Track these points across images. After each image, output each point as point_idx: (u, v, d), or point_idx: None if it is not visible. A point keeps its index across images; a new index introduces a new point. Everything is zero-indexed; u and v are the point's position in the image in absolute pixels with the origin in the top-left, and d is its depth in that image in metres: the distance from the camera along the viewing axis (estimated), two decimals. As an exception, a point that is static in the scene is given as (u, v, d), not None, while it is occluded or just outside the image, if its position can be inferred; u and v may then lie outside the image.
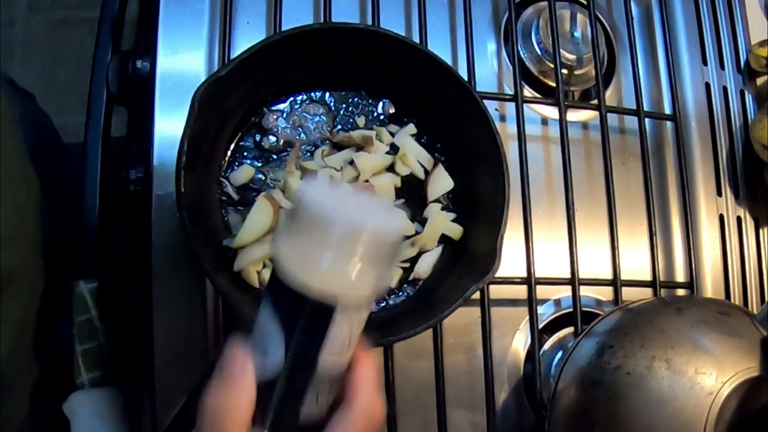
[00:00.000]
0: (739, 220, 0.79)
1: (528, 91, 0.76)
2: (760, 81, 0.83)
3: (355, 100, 0.68)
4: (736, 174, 0.80)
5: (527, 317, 0.69)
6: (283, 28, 0.67)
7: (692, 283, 0.75)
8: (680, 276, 0.76)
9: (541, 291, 0.70)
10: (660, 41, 0.82)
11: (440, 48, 0.73)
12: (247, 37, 0.69)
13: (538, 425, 0.67)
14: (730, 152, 0.81)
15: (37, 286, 0.71)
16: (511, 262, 0.66)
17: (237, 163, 0.64)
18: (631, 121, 0.78)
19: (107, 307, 0.64)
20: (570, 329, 0.71)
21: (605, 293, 0.73)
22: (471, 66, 0.72)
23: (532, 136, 0.74)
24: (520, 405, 0.69)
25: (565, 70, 0.76)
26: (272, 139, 0.65)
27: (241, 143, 0.65)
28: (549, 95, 0.76)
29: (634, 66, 0.78)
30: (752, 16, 0.85)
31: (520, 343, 0.70)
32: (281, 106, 0.66)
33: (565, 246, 0.71)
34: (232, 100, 0.62)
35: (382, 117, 0.68)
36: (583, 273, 0.71)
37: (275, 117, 0.66)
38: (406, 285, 0.65)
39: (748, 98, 0.83)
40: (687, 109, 0.80)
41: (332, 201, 0.39)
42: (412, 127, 0.67)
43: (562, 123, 0.73)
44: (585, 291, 0.71)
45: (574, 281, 0.70)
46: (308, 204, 0.38)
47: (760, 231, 0.80)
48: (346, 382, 0.41)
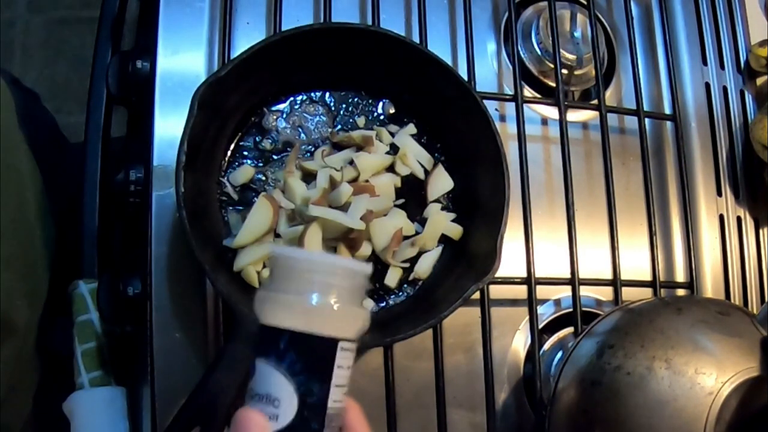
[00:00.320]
0: (739, 220, 0.79)
1: (528, 91, 0.76)
2: (760, 81, 0.83)
3: (355, 100, 0.68)
4: (736, 174, 0.80)
5: (527, 317, 0.69)
6: (283, 28, 0.67)
7: (692, 283, 0.75)
8: (680, 276, 0.76)
9: (541, 291, 0.69)
10: (660, 41, 0.82)
11: (440, 48, 0.73)
12: (247, 37, 0.69)
13: (538, 425, 0.67)
14: (730, 152, 0.80)
15: (42, 288, 0.71)
16: (511, 262, 0.66)
17: (237, 163, 0.64)
18: (631, 121, 0.78)
19: (107, 307, 0.64)
20: (570, 329, 0.71)
21: (605, 293, 0.73)
22: (471, 66, 0.72)
23: (532, 136, 0.74)
24: (520, 405, 0.69)
25: (565, 70, 0.76)
26: (272, 140, 0.65)
27: (241, 143, 0.65)
28: (549, 95, 0.76)
29: (634, 66, 0.78)
30: (752, 16, 0.85)
31: (520, 343, 0.70)
32: (281, 107, 0.66)
33: (565, 246, 0.71)
34: (232, 100, 0.62)
35: (382, 117, 0.68)
36: (583, 273, 0.71)
37: (275, 117, 0.65)
38: (406, 285, 0.65)
39: (748, 98, 0.83)
40: (687, 109, 0.80)
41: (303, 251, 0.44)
42: (412, 127, 0.67)
43: (562, 123, 0.73)
44: (585, 291, 0.71)
45: (574, 281, 0.70)
46: (285, 254, 0.42)
47: (760, 231, 0.80)
48: (343, 428, 0.42)
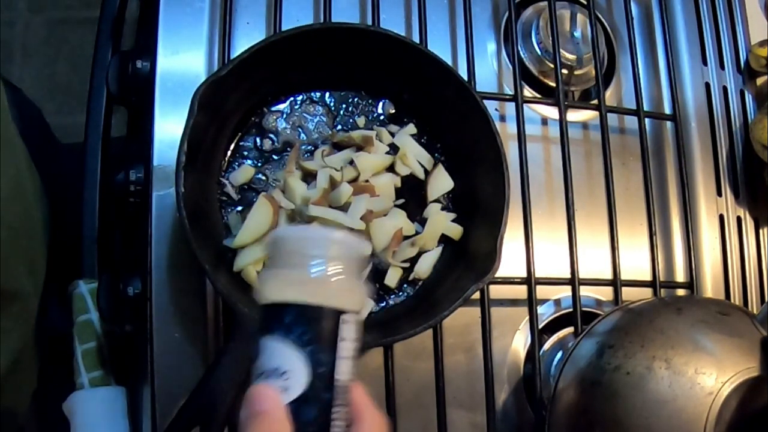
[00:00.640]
0: (739, 220, 0.79)
1: (528, 91, 0.76)
2: (760, 81, 0.83)
3: (355, 100, 0.68)
4: (736, 174, 0.80)
5: (527, 317, 0.69)
6: (283, 28, 0.67)
7: (692, 283, 0.75)
8: (680, 276, 0.76)
9: (541, 291, 0.69)
10: (660, 41, 0.82)
11: (440, 48, 0.73)
12: (247, 37, 0.69)
13: (538, 425, 0.67)
14: (730, 152, 0.80)
15: (41, 263, 0.71)
16: (511, 262, 0.66)
17: (237, 163, 0.64)
18: (631, 121, 0.78)
19: (107, 307, 0.64)
20: (570, 329, 0.71)
21: (605, 293, 0.73)
22: (471, 66, 0.72)
23: (532, 136, 0.74)
24: (520, 405, 0.69)
25: (565, 70, 0.76)
26: (272, 140, 0.65)
27: (241, 143, 0.65)
28: (549, 95, 0.76)
29: (634, 66, 0.78)
30: (752, 16, 0.85)
31: (520, 343, 0.70)
32: (281, 107, 0.66)
33: (565, 246, 0.71)
34: (232, 100, 0.62)
35: (382, 117, 0.68)
36: (583, 273, 0.71)
37: (275, 117, 0.65)
38: (406, 285, 0.65)
39: (748, 98, 0.83)
40: (687, 109, 0.80)
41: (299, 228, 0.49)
42: (412, 127, 0.67)
43: (562, 123, 0.73)
44: (585, 291, 0.71)
45: (574, 281, 0.70)
46: (283, 232, 0.44)
47: (760, 231, 0.80)
48: (350, 407, 0.42)
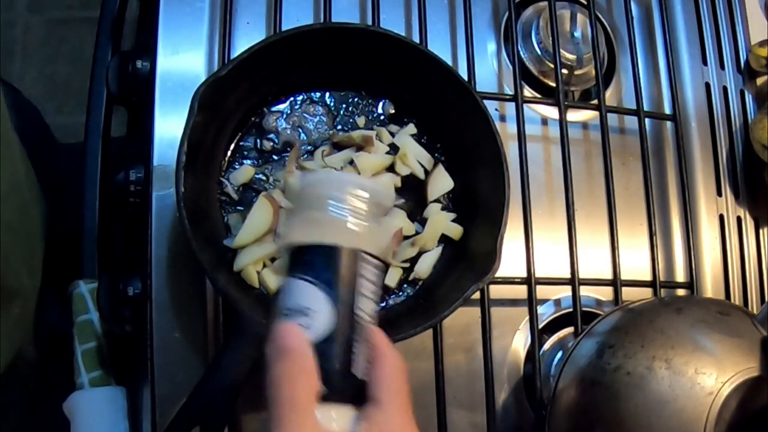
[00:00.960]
0: (739, 220, 0.79)
1: (528, 91, 0.76)
2: (760, 81, 0.83)
3: (355, 100, 0.68)
4: (736, 174, 0.80)
5: (527, 317, 0.69)
6: (283, 28, 0.67)
7: (692, 283, 0.75)
8: (680, 276, 0.76)
9: (541, 291, 0.69)
10: (660, 41, 0.82)
11: (440, 48, 0.73)
12: (247, 37, 0.69)
13: (538, 425, 0.67)
14: (730, 152, 0.80)
15: (38, 260, 0.71)
16: (511, 262, 0.66)
17: (237, 163, 0.64)
18: (631, 121, 0.78)
19: (107, 307, 0.64)
20: (570, 329, 0.71)
21: (605, 293, 0.73)
22: (471, 66, 0.72)
23: (532, 136, 0.74)
24: (520, 405, 0.69)
25: (565, 70, 0.76)
26: (272, 140, 0.65)
27: (241, 143, 0.65)
28: (549, 95, 0.76)
29: (634, 66, 0.78)
30: (752, 16, 0.85)
31: (520, 343, 0.70)
32: (281, 107, 0.66)
33: (565, 246, 0.71)
34: (232, 101, 0.62)
35: (382, 117, 0.68)
36: (583, 273, 0.71)
37: (275, 117, 0.65)
38: (406, 285, 0.65)
39: (748, 98, 0.83)
40: (687, 109, 0.80)
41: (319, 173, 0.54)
42: (412, 127, 0.67)
43: (562, 123, 0.73)
44: (585, 291, 0.71)
45: (574, 281, 0.70)
46: (307, 178, 0.45)
47: (760, 231, 0.80)
48: (371, 347, 0.44)
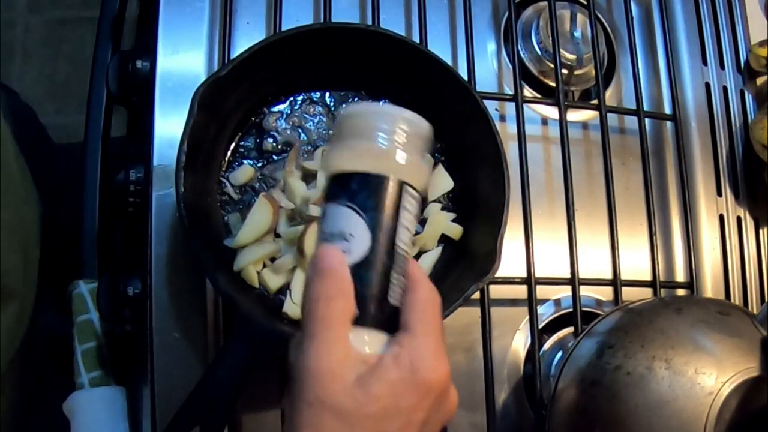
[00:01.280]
0: (739, 220, 0.79)
1: (528, 91, 0.76)
2: (760, 81, 0.83)
3: (355, 100, 0.68)
4: (736, 174, 0.80)
5: (527, 317, 0.69)
6: (283, 28, 0.67)
7: (692, 283, 0.75)
8: (680, 276, 0.76)
9: (541, 291, 0.69)
10: (660, 41, 0.82)
11: (440, 48, 0.73)
12: (247, 37, 0.69)
13: (538, 425, 0.67)
14: (730, 152, 0.80)
15: (34, 262, 0.71)
16: (511, 262, 0.66)
17: (237, 163, 0.64)
18: (631, 121, 0.78)
19: (107, 307, 0.64)
20: (570, 329, 0.71)
21: (605, 293, 0.73)
22: (471, 66, 0.72)
23: (532, 136, 0.74)
24: (520, 405, 0.69)
25: (565, 70, 0.76)
26: (272, 140, 0.65)
27: (241, 143, 0.65)
28: (549, 95, 0.76)
29: (634, 66, 0.78)
30: (752, 16, 0.85)
31: (520, 343, 0.70)
32: (281, 107, 0.66)
33: (565, 246, 0.71)
34: (232, 100, 0.62)
35: (382, 117, 0.68)
36: (583, 273, 0.71)
37: (275, 118, 0.65)
38: (406, 285, 0.65)
39: (748, 98, 0.83)
40: (687, 109, 0.80)
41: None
42: (412, 127, 0.67)
43: (562, 123, 0.73)
44: (585, 291, 0.71)
45: (574, 281, 0.70)
46: (353, 108, 0.46)
47: (760, 231, 0.80)
48: (407, 277, 0.44)
